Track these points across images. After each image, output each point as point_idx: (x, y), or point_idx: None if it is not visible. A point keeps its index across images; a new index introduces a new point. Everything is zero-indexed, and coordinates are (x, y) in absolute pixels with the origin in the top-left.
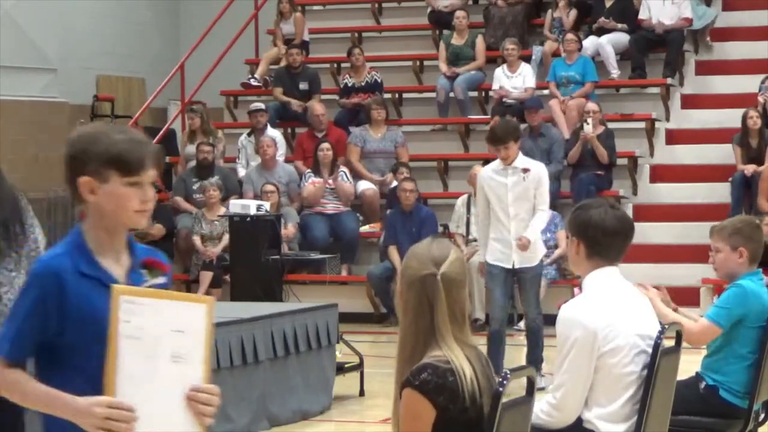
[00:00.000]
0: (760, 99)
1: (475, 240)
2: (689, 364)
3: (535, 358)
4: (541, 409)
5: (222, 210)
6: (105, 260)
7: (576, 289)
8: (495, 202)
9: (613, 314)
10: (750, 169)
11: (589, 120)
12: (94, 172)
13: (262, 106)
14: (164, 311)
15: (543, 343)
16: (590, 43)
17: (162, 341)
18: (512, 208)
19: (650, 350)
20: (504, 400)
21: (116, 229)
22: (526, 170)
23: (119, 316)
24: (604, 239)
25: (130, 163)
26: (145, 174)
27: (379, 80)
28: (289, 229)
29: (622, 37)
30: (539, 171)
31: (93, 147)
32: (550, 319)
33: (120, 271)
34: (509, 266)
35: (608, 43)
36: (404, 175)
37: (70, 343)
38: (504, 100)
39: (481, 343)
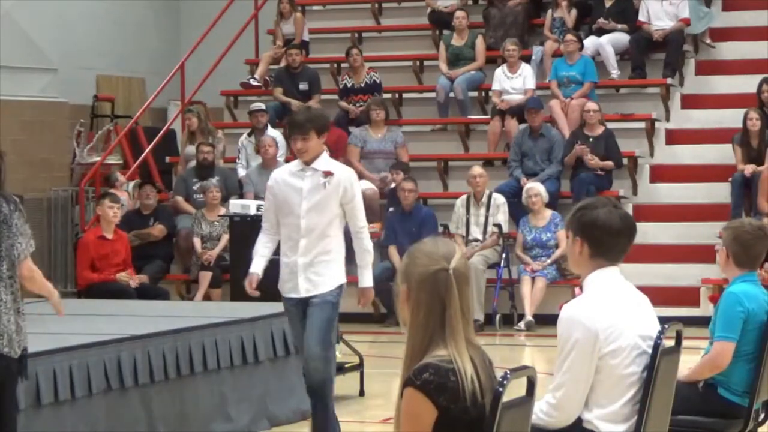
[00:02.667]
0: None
1: (476, 240)
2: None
3: (322, 426)
4: (541, 409)
5: (222, 210)
6: None
7: (576, 289)
8: (286, 213)
9: (615, 315)
10: (749, 169)
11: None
12: None
13: (262, 106)
14: None
15: (332, 405)
16: (590, 43)
17: None
18: (305, 221)
19: (651, 351)
20: (504, 400)
21: None
22: (328, 174)
23: None
24: (610, 239)
25: None
26: None
27: (378, 81)
28: None
29: (622, 37)
30: (347, 176)
31: None
32: (551, 319)
33: None
34: (299, 296)
35: (608, 43)
36: (400, 175)
37: None
38: (502, 100)
39: (481, 342)
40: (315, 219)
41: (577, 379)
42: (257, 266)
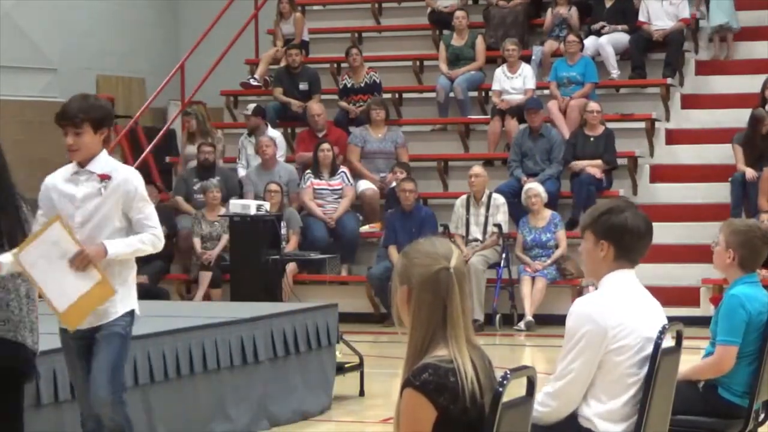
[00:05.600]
0: None
1: (476, 240)
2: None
3: None
4: (537, 400)
5: (222, 210)
6: None
7: (589, 288)
8: None
9: (625, 315)
10: (750, 174)
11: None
12: None
13: (248, 111)
14: None
15: None
16: (590, 43)
17: None
18: (80, 236)
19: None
20: (504, 400)
21: None
22: (104, 177)
23: None
24: (637, 243)
25: None
26: None
27: (378, 81)
28: (291, 240)
29: (622, 37)
30: (127, 178)
31: None
32: (551, 319)
33: None
34: (81, 328)
35: (608, 43)
36: (402, 174)
37: None
38: (502, 99)
39: (481, 342)
40: (92, 233)
41: (579, 372)
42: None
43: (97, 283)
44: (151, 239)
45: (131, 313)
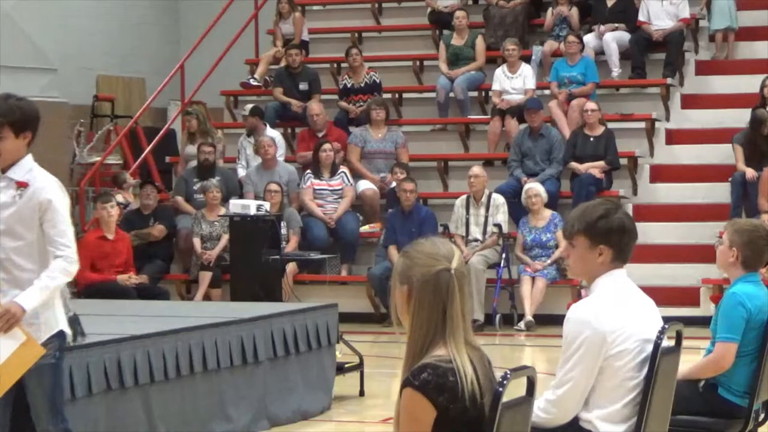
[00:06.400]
0: None
1: (476, 240)
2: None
3: None
4: (538, 406)
5: (222, 210)
6: None
7: (584, 291)
8: None
9: (623, 318)
10: (751, 173)
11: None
12: None
13: (245, 111)
14: None
15: None
16: (594, 40)
17: None
18: None
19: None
20: (504, 400)
21: None
22: (22, 185)
23: None
24: (631, 242)
25: None
26: None
27: (378, 81)
28: (291, 240)
29: (624, 36)
30: (44, 186)
31: None
32: (551, 319)
33: None
34: None
35: (612, 41)
36: (402, 175)
37: None
38: (502, 99)
39: (481, 342)
40: (7, 244)
41: (579, 378)
42: None
43: (23, 344)
44: (61, 267)
45: (59, 335)
